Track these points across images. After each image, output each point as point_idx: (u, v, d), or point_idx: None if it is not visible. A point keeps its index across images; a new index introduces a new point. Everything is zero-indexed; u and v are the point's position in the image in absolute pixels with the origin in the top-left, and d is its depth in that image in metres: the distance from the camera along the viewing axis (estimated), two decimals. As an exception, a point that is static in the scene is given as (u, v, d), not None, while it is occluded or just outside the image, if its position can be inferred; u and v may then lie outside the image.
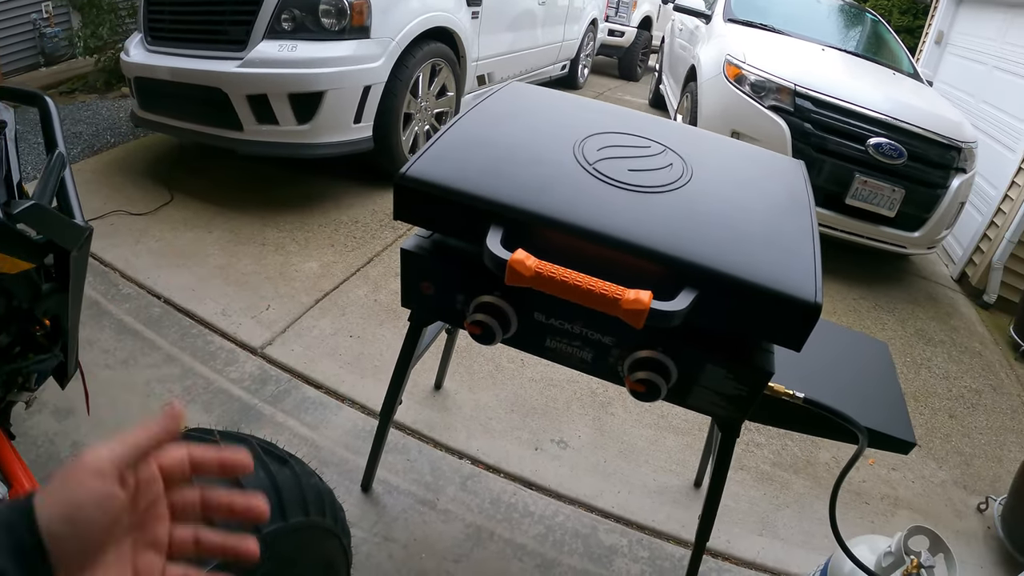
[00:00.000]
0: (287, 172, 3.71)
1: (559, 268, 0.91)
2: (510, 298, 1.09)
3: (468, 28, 4.10)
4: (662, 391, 1.07)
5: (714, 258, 0.99)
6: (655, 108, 7.62)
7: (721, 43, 4.56)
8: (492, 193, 1.03)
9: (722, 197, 1.16)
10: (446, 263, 1.14)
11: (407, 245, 1.16)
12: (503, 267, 0.92)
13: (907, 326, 3.79)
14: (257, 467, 0.97)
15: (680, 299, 0.92)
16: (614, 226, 1.00)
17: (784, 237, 1.10)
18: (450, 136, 1.17)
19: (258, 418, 2.08)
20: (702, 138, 1.43)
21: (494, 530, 1.89)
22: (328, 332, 2.51)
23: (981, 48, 5.76)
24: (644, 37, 9.22)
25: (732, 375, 1.08)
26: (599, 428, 2.34)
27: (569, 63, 7.07)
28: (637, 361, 1.07)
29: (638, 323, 0.88)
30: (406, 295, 1.23)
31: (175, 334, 2.35)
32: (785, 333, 1.03)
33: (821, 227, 3.76)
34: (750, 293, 0.97)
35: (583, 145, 1.19)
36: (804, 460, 2.44)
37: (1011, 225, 4.25)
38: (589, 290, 0.89)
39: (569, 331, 1.11)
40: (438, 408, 2.27)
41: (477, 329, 1.09)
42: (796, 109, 3.87)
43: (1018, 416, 3.24)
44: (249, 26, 3.06)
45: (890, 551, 1.54)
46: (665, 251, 0.98)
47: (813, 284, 1.01)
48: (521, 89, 1.45)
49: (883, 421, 1.40)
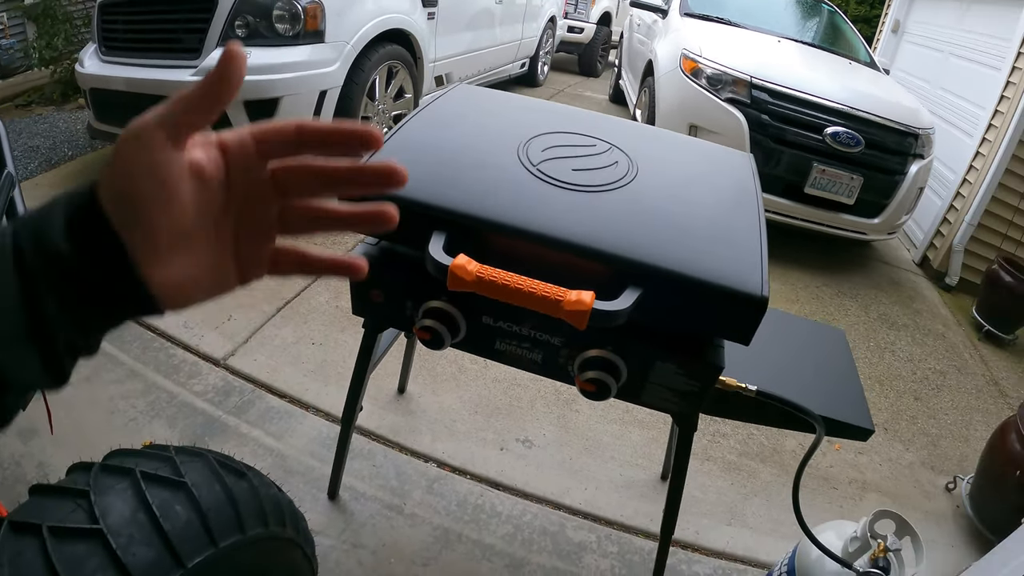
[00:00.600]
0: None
1: (500, 272, 0.91)
2: (458, 303, 1.08)
3: (424, 29, 4.09)
4: (612, 390, 1.07)
5: (657, 255, 0.99)
6: (615, 103, 7.67)
7: (677, 37, 4.58)
8: (434, 199, 1.03)
9: (667, 193, 1.16)
10: (394, 270, 1.14)
11: (355, 253, 1.15)
12: (445, 273, 0.92)
13: (870, 311, 3.84)
14: (212, 481, 0.97)
15: (623, 298, 0.93)
16: (555, 227, 1.00)
17: (729, 231, 1.11)
18: (394, 142, 1.17)
19: (223, 430, 2.06)
20: (650, 135, 1.43)
21: (462, 532, 1.89)
22: (290, 340, 2.49)
23: (937, 36, 5.85)
24: (604, 33, 9.25)
25: (682, 371, 1.08)
26: (564, 426, 2.35)
27: (528, 61, 7.08)
28: (587, 361, 1.07)
29: (581, 324, 0.89)
30: (356, 303, 1.22)
31: (137, 348, 2.32)
32: (733, 328, 1.03)
33: (781, 217, 3.86)
34: (694, 289, 0.98)
35: (528, 146, 1.19)
36: (771, 448, 2.46)
37: (970, 208, 4.33)
38: (531, 293, 0.89)
39: (518, 333, 1.11)
40: (402, 412, 2.26)
41: (426, 335, 1.09)
42: (753, 101, 3.91)
43: (983, 395, 3.30)
44: (203, 34, 3.02)
45: (856, 536, 1.55)
46: (607, 250, 0.98)
47: (759, 278, 1.01)
48: (468, 91, 1.44)
49: (841, 409, 1.42)
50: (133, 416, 2.03)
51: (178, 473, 0.93)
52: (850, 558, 1.53)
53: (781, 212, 4.07)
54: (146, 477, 0.90)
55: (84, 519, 0.82)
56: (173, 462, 0.96)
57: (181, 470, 0.94)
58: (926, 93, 5.62)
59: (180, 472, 0.94)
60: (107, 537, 0.80)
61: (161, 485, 0.90)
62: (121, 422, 2.01)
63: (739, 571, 1.99)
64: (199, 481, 0.94)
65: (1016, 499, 2.15)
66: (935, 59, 5.80)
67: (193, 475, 0.95)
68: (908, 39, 6.73)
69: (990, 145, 4.29)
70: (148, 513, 0.86)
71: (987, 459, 2.39)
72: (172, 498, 0.90)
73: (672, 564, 1.94)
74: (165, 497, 0.89)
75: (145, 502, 0.86)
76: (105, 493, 0.87)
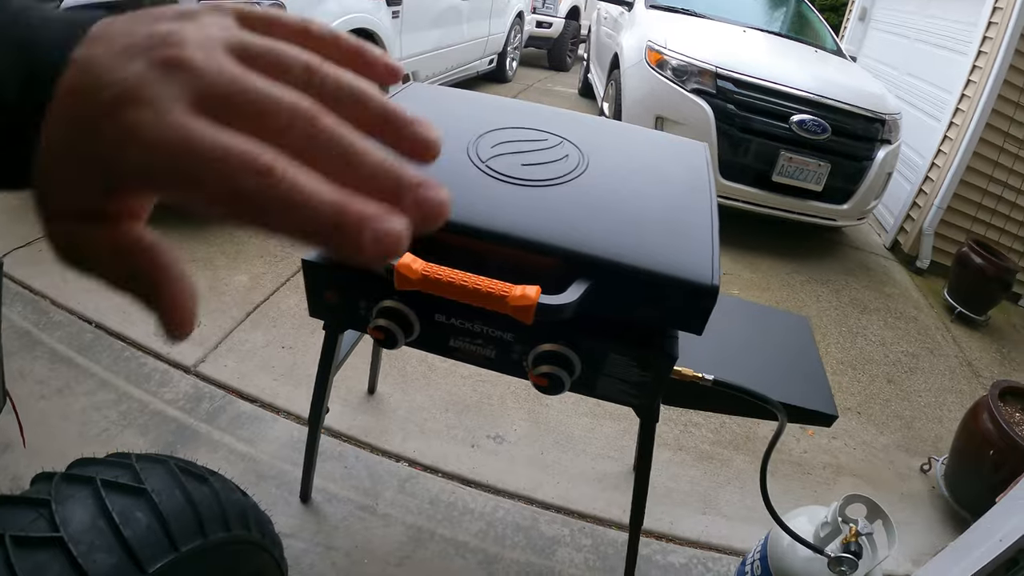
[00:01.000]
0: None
1: (446, 270, 0.91)
2: (410, 301, 1.08)
3: (388, 28, 4.08)
4: (566, 384, 1.07)
5: (604, 246, 0.99)
6: (585, 97, 7.71)
7: (643, 30, 4.59)
8: (380, 197, 1.02)
9: (617, 185, 1.16)
10: (347, 271, 1.13)
11: (308, 256, 1.15)
12: (392, 272, 0.92)
13: (841, 296, 3.88)
14: (173, 487, 0.96)
15: (570, 292, 0.93)
16: (501, 222, 1.00)
17: (680, 221, 1.11)
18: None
19: (194, 437, 2.04)
20: (604, 128, 1.43)
21: (435, 530, 1.88)
22: (260, 344, 2.48)
23: (903, 22, 5.90)
24: (572, 27, 9.27)
25: (636, 363, 1.09)
26: (535, 420, 2.35)
27: (497, 57, 7.09)
28: (539, 355, 1.07)
29: (527, 318, 0.89)
30: (312, 305, 1.22)
31: (108, 359, 2.30)
32: (684, 318, 1.03)
33: (750, 205, 3.89)
34: (642, 279, 0.98)
35: (477, 143, 1.19)
36: (743, 436, 2.48)
37: (939, 192, 4.37)
38: (476, 289, 0.89)
39: (470, 330, 1.11)
40: (373, 412, 2.26)
41: (379, 334, 1.08)
42: (718, 91, 3.92)
43: (956, 376, 3.33)
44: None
45: (827, 521, 1.56)
46: (553, 243, 0.98)
47: (710, 266, 1.01)
48: (419, 90, 1.44)
49: (804, 395, 1.43)
50: (105, 427, 2.01)
51: (138, 480, 0.93)
52: (822, 543, 1.54)
53: (750, 201, 4.10)
54: (106, 485, 0.90)
55: (45, 528, 0.82)
56: (133, 469, 0.96)
57: (141, 477, 0.94)
58: (893, 79, 5.67)
59: (140, 479, 0.94)
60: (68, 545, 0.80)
61: (121, 492, 0.90)
62: (94, 433, 1.99)
63: (714, 559, 2.00)
64: (160, 487, 0.94)
65: (990, 478, 2.17)
66: (902, 45, 5.85)
67: (153, 481, 0.95)
68: (875, 26, 6.78)
69: (957, 129, 4.34)
70: (108, 520, 0.85)
71: (961, 439, 2.42)
72: (132, 504, 0.89)
73: (647, 555, 1.95)
74: (125, 504, 0.89)
75: (105, 509, 0.86)
76: (66, 502, 0.86)
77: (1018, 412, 2.41)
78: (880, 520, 1.54)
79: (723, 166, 3.99)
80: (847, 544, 1.47)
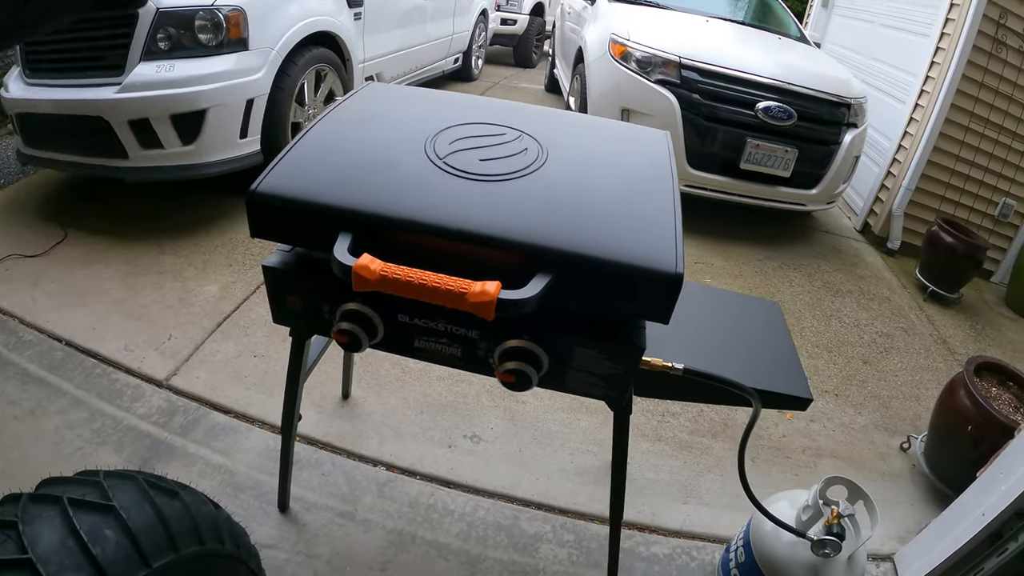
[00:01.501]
0: (180, 195, 3.59)
1: (404, 269, 0.90)
2: (373, 303, 1.07)
3: (351, 30, 4.05)
4: (533, 380, 1.06)
5: (564, 239, 0.98)
6: (552, 93, 7.70)
7: (606, 23, 4.59)
8: (338, 200, 1.01)
9: (577, 176, 1.15)
10: (308, 275, 1.12)
11: (269, 262, 1.13)
12: (350, 274, 0.91)
13: (814, 280, 3.90)
14: (142, 503, 0.95)
15: (531, 286, 0.92)
16: (458, 218, 0.99)
17: (641, 210, 1.10)
18: (301, 146, 1.15)
19: (169, 451, 2.02)
20: (564, 120, 1.41)
21: (416, 533, 1.87)
22: (232, 355, 2.45)
23: (866, 7, 5.95)
24: (537, 23, 9.27)
25: (604, 355, 1.08)
26: (511, 418, 2.34)
27: (462, 56, 7.07)
28: (505, 352, 1.06)
29: (488, 315, 0.87)
30: (276, 312, 1.20)
31: (80, 376, 2.26)
32: (649, 307, 1.03)
33: (719, 193, 3.92)
34: (605, 270, 0.97)
35: (435, 140, 1.17)
36: (722, 424, 2.48)
37: (907, 173, 4.42)
38: (435, 287, 0.88)
39: (435, 329, 1.10)
40: (348, 418, 2.24)
41: (343, 338, 1.07)
42: (683, 81, 3.93)
43: (931, 354, 3.36)
44: (125, 49, 2.95)
45: (808, 504, 1.56)
46: (511, 237, 0.97)
47: (674, 254, 1.01)
48: (377, 89, 1.42)
49: (778, 381, 1.43)
50: (80, 446, 1.98)
51: (106, 497, 0.92)
52: (804, 527, 1.54)
53: (719, 189, 4.11)
54: (74, 503, 0.89)
55: (13, 550, 0.81)
56: (101, 487, 0.94)
57: (109, 494, 0.93)
58: (858, 64, 5.71)
59: (108, 496, 0.92)
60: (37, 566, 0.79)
61: (89, 510, 0.89)
62: (68, 452, 1.95)
63: (698, 548, 2.00)
64: (128, 503, 0.93)
65: (969, 453, 2.19)
66: (865, 30, 5.89)
67: (122, 498, 0.93)
68: (838, 12, 6.83)
69: (923, 111, 4.39)
70: (77, 539, 0.84)
71: (938, 416, 2.43)
72: (101, 522, 0.88)
73: (630, 547, 1.94)
74: (94, 522, 0.88)
75: (73, 528, 0.85)
76: (33, 523, 0.85)
77: (994, 387, 2.43)
78: (861, 501, 1.55)
79: (691, 155, 4.00)
80: (829, 526, 1.48)
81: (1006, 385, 2.46)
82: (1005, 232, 4.64)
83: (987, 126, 4.32)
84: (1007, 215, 4.55)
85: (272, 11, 3.24)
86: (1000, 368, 2.51)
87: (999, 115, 4.29)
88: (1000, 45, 4.12)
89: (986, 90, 4.22)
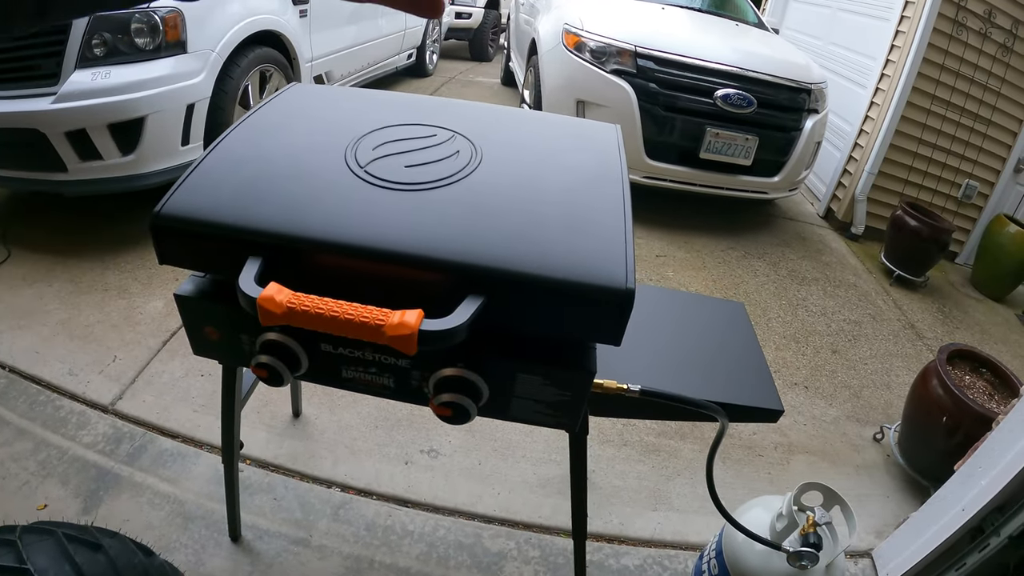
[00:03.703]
0: (124, 208, 3.46)
1: (313, 299, 0.79)
2: (293, 332, 0.96)
3: (297, 28, 3.94)
4: (472, 411, 0.96)
5: (495, 255, 0.88)
6: (508, 86, 7.66)
7: (559, 12, 4.51)
8: (245, 221, 0.90)
9: (515, 180, 1.05)
10: (222, 304, 1.01)
11: (180, 290, 1.02)
12: (255, 306, 0.80)
13: (779, 269, 3.86)
14: (61, 562, 0.87)
15: (458, 313, 0.81)
16: (377, 236, 0.88)
17: (587, 216, 0.99)
18: (211, 160, 1.03)
19: (116, 482, 1.92)
20: (502, 116, 1.30)
21: (373, 557, 1.79)
22: (179, 375, 2.34)
23: (824, -8, 5.94)
24: (493, 16, 9.22)
25: (549, 381, 0.98)
26: (469, 430, 2.26)
27: (416, 51, 6.97)
28: (440, 382, 0.96)
29: (409, 349, 0.77)
30: (195, 343, 1.09)
31: (23, 404, 2.15)
32: (598, 328, 0.93)
33: (679, 184, 3.87)
34: (545, 289, 0.87)
35: (357, 146, 1.07)
36: (690, 425, 2.42)
37: (869, 158, 4.43)
38: (348, 320, 0.77)
39: (361, 359, 0.99)
40: (300, 437, 2.14)
41: (263, 372, 0.96)
42: (639, 70, 3.86)
43: (900, 340, 3.34)
44: (59, 57, 2.81)
45: (782, 514, 1.50)
46: (435, 256, 0.87)
47: (623, 267, 0.91)
48: (300, 91, 1.31)
49: (745, 391, 1.34)
50: (26, 479, 1.88)
51: (21, 560, 0.84)
52: (779, 537, 1.49)
53: (678, 180, 4.06)
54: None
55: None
56: (16, 547, 0.86)
57: (24, 555, 0.85)
58: (818, 49, 5.71)
59: (23, 558, 0.85)
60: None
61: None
62: (14, 487, 1.85)
63: (670, 557, 1.95)
64: (45, 566, 0.85)
65: (945, 443, 2.17)
66: (824, 15, 5.88)
67: (38, 559, 0.86)
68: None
69: (884, 95, 4.39)
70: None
71: (911, 406, 2.41)
72: None
73: (599, 560, 1.88)
74: None
75: None
76: None
77: (967, 375, 2.40)
78: (838, 506, 1.49)
79: (649, 146, 3.94)
80: (805, 536, 1.43)
81: (979, 372, 2.44)
82: (969, 214, 4.66)
83: (949, 108, 4.32)
84: (970, 196, 4.57)
85: (211, 11, 3.11)
86: (973, 355, 2.48)
87: (960, 97, 4.30)
88: (960, 28, 4.10)
89: (947, 72, 4.22)
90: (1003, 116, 4.40)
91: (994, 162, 4.53)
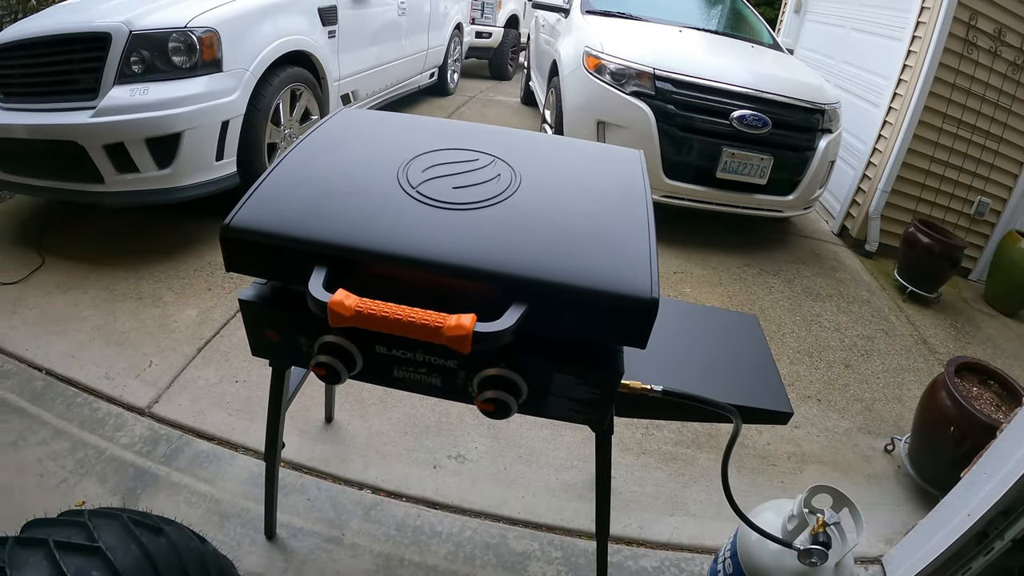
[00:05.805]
0: (158, 219, 3.57)
1: (379, 304, 0.90)
2: (351, 335, 1.06)
3: (326, 48, 4.06)
4: (513, 407, 1.06)
5: (537, 268, 0.98)
6: (528, 105, 7.73)
7: (579, 35, 4.60)
8: (311, 234, 1.01)
9: (550, 202, 1.16)
10: (284, 308, 1.11)
11: (244, 295, 1.13)
12: (325, 310, 0.91)
13: (794, 285, 3.92)
14: (128, 542, 0.95)
15: (506, 317, 0.92)
16: (432, 250, 0.99)
17: (616, 234, 1.10)
18: (274, 177, 1.14)
19: (154, 481, 2.00)
20: (536, 142, 1.41)
21: (403, 556, 1.86)
22: (213, 381, 2.43)
23: (838, 12, 6.02)
24: (512, 36, 9.32)
25: (582, 380, 1.08)
26: (495, 436, 2.34)
27: (437, 70, 7.07)
28: (484, 380, 1.06)
29: (464, 348, 0.88)
30: (254, 345, 1.20)
31: (61, 406, 2.24)
32: (626, 333, 1.03)
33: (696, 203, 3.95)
34: (580, 298, 0.98)
35: (408, 168, 1.17)
36: (706, 434, 2.49)
37: (883, 176, 4.47)
38: (410, 322, 0.88)
39: (413, 360, 1.10)
40: (332, 441, 2.23)
41: (321, 371, 1.07)
42: (657, 92, 3.94)
43: (912, 355, 3.38)
44: (98, 73, 2.94)
45: (793, 514, 1.57)
46: (485, 268, 0.98)
47: (648, 279, 1.01)
48: (350, 116, 1.42)
49: (758, 396, 1.43)
50: (64, 477, 1.96)
51: (92, 538, 0.92)
52: (790, 536, 1.54)
53: (695, 199, 4.13)
54: (60, 546, 0.89)
55: (2, 597, 0.81)
56: (87, 527, 0.94)
57: (95, 535, 0.93)
58: (831, 69, 5.77)
59: (94, 537, 0.93)
60: (26, 612, 0.79)
61: (76, 553, 0.89)
62: (52, 484, 1.93)
63: (686, 560, 2.00)
64: (114, 544, 0.93)
65: (953, 453, 2.21)
66: (837, 35, 5.95)
67: (108, 538, 0.94)
68: (810, 18, 6.89)
69: (896, 113, 4.43)
70: (65, 583, 0.84)
71: (921, 417, 2.46)
72: (88, 564, 0.89)
73: (618, 561, 1.94)
74: (80, 564, 0.88)
75: (61, 573, 0.85)
76: (21, 567, 0.85)
77: (975, 387, 2.45)
78: (846, 508, 1.56)
79: (667, 166, 4.00)
80: (815, 535, 1.48)
81: (987, 384, 2.48)
82: (981, 230, 4.69)
83: (960, 126, 4.37)
84: (983, 213, 4.60)
85: (246, 32, 3.23)
86: (981, 367, 2.53)
87: (972, 115, 4.34)
88: (971, 47, 4.17)
89: (958, 91, 4.27)
90: (1014, 133, 4.43)
91: (1006, 179, 4.56)
